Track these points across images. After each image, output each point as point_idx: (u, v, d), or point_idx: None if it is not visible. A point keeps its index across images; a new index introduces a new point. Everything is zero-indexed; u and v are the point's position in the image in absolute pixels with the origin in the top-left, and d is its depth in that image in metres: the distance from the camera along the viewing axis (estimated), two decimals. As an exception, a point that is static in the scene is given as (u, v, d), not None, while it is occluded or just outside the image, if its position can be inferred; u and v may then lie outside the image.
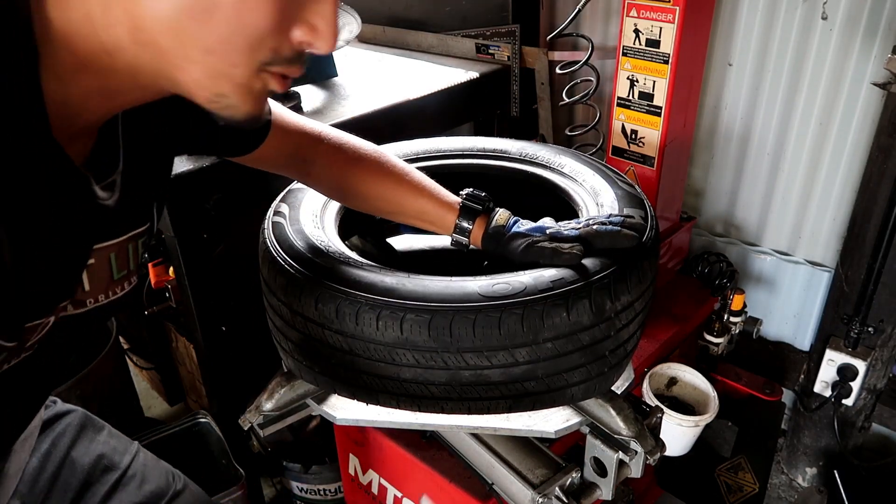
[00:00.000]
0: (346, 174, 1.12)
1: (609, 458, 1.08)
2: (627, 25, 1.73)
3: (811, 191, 2.14)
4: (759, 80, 2.10)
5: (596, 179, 1.25)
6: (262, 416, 1.28)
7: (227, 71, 0.62)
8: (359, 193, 1.14)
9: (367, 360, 0.96)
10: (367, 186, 1.13)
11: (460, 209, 1.11)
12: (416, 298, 0.93)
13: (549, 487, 1.08)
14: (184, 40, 0.59)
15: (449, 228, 1.12)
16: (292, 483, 2.12)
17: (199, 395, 2.47)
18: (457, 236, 1.11)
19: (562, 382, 0.97)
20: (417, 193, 1.13)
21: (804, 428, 2.30)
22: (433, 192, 1.13)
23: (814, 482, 2.33)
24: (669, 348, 1.86)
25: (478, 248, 1.11)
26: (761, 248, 2.33)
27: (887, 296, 1.92)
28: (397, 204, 1.14)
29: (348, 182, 1.13)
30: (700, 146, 2.29)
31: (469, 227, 1.10)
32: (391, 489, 1.44)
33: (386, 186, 1.13)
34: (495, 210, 1.11)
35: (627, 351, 1.07)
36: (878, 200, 1.86)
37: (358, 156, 1.12)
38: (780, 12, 1.98)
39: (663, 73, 1.72)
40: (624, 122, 1.85)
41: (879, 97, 1.88)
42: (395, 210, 1.15)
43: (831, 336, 2.07)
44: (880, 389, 2.12)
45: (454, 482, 1.25)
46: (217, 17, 0.58)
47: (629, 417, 1.07)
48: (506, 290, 0.93)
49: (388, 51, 2.56)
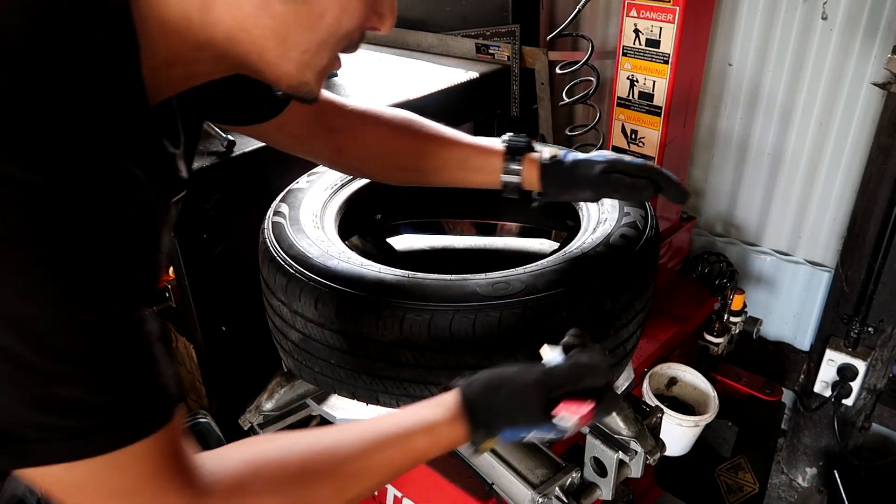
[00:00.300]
0: (382, 137, 1.07)
1: (609, 458, 1.08)
2: (627, 25, 1.73)
3: (811, 191, 2.14)
4: (759, 80, 2.10)
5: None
6: (263, 416, 1.28)
7: (315, 63, 0.68)
8: (398, 153, 1.08)
9: (367, 359, 0.96)
10: (406, 145, 1.08)
11: (506, 150, 1.06)
12: (416, 298, 0.93)
13: (549, 487, 1.08)
14: (286, 42, 0.64)
15: (496, 172, 1.06)
16: (292, 483, 2.12)
17: (199, 395, 2.47)
18: (506, 178, 1.05)
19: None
20: (456, 143, 1.08)
21: (804, 428, 2.30)
22: (472, 140, 1.09)
23: (814, 482, 2.33)
24: (669, 348, 1.86)
25: (531, 189, 1.06)
26: (761, 248, 2.33)
27: (887, 296, 1.92)
28: (440, 157, 1.08)
29: (386, 145, 1.08)
30: (700, 146, 2.29)
31: (519, 166, 1.04)
32: (391, 489, 1.44)
33: (426, 140, 1.08)
34: (539, 148, 1.07)
35: (627, 350, 1.07)
36: (878, 200, 1.86)
37: (388, 116, 1.08)
38: (780, 12, 1.98)
39: (663, 73, 1.72)
40: (624, 122, 1.85)
41: (879, 97, 1.88)
42: (436, 165, 1.09)
43: (831, 336, 2.07)
44: (880, 389, 2.12)
45: (454, 482, 1.25)
46: (320, 24, 0.64)
47: (629, 417, 1.07)
48: (505, 290, 0.93)
49: (388, 51, 2.56)
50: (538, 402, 0.77)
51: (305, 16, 0.63)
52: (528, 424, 0.78)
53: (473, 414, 0.76)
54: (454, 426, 0.76)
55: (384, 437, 0.73)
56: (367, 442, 0.72)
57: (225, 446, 0.68)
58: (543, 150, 1.06)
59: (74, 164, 0.50)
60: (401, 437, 0.74)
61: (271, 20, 0.62)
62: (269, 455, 0.67)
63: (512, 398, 0.77)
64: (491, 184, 1.08)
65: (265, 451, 0.68)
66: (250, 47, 0.64)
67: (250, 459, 0.66)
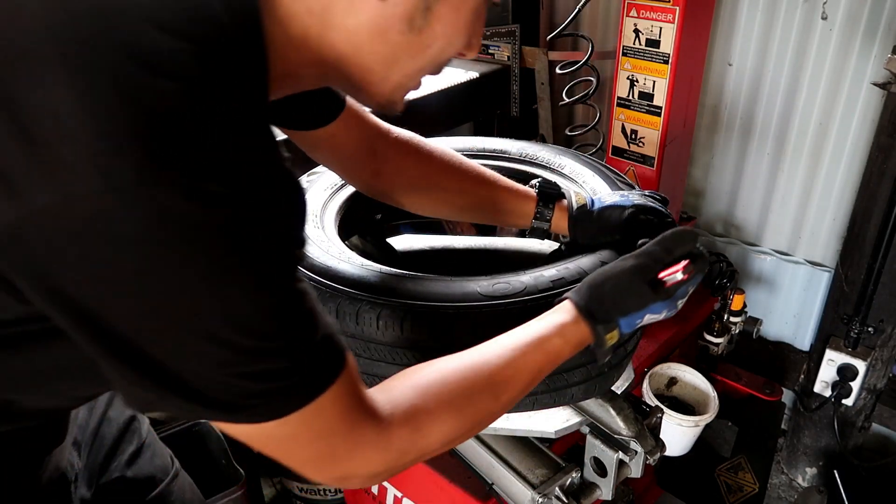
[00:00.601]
0: (422, 170, 1.10)
1: (609, 458, 1.08)
2: (627, 25, 1.73)
3: (811, 191, 2.14)
4: (759, 80, 2.10)
5: (596, 181, 1.25)
6: (262, 416, 1.28)
7: (409, 86, 0.75)
8: (435, 188, 1.12)
9: (368, 359, 0.96)
10: (444, 181, 1.11)
11: (538, 196, 1.11)
12: (417, 298, 0.93)
13: (549, 487, 1.08)
14: (391, 68, 0.70)
15: (527, 217, 1.12)
16: (292, 483, 2.12)
17: (199, 395, 2.46)
18: (537, 223, 1.11)
19: (562, 382, 0.97)
20: (493, 184, 1.12)
21: (804, 428, 2.30)
22: (506, 183, 1.13)
23: (814, 482, 2.33)
24: (669, 348, 1.86)
25: (559, 232, 1.12)
26: (761, 248, 2.33)
27: (887, 296, 1.92)
28: (476, 196, 1.12)
29: (425, 178, 1.11)
30: (700, 146, 2.30)
31: (549, 214, 1.11)
32: (391, 489, 1.44)
33: (464, 178, 1.11)
34: (568, 193, 1.11)
35: (628, 351, 1.07)
36: (878, 200, 1.86)
37: (430, 149, 1.11)
38: (780, 12, 1.98)
39: (663, 73, 1.72)
40: (624, 122, 1.86)
41: (879, 97, 1.88)
42: (472, 203, 1.13)
43: (831, 336, 2.07)
44: (880, 389, 2.12)
45: (454, 482, 1.25)
46: (426, 53, 0.70)
47: (629, 417, 1.07)
48: (506, 290, 0.93)
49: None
50: (642, 283, 0.85)
51: (416, 45, 0.68)
52: (640, 307, 0.85)
53: (589, 312, 0.84)
54: (578, 325, 0.83)
55: (523, 344, 0.80)
56: (509, 350, 0.79)
57: (385, 381, 0.75)
58: (571, 195, 1.10)
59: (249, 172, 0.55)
60: (537, 342, 0.81)
61: (384, 47, 0.67)
62: (431, 378, 0.74)
63: (617, 287, 0.85)
64: (521, 226, 1.15)
65: (426, 376, 0.75)
66: (357, 69, 0.69)
67: (415, 385, 0.73)
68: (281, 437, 0.64)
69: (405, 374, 0.76)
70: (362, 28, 0.65)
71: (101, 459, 1.07)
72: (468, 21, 0.71)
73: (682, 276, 0.85)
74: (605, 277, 0.86)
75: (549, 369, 0.83)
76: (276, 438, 0.64)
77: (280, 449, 0.66)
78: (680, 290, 0.87)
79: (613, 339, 0.86)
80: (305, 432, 0.64)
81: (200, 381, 0.58)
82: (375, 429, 0.68)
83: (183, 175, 0.50)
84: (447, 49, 0.71)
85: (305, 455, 0.67)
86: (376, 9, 0.64)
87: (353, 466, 0.68)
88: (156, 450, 1.18)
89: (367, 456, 0.68)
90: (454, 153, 1.13)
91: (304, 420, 0.63)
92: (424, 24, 0.67)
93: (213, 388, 0.58)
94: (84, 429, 1.06)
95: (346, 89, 0.75)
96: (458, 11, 0.69)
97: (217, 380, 0.58)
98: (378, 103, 0.75)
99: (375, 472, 0.70)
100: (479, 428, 0.78)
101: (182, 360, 0.57)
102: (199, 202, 0.51)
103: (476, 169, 1.13)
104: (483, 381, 0.76)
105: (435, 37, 0.69)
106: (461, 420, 0.74)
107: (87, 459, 1.04)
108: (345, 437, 0.66)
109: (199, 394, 0.58)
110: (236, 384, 0.58)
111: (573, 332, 0.83)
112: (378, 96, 0.74)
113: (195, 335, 0.55)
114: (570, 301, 0.85)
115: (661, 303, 0.86)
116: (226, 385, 0.58)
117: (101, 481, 1.06)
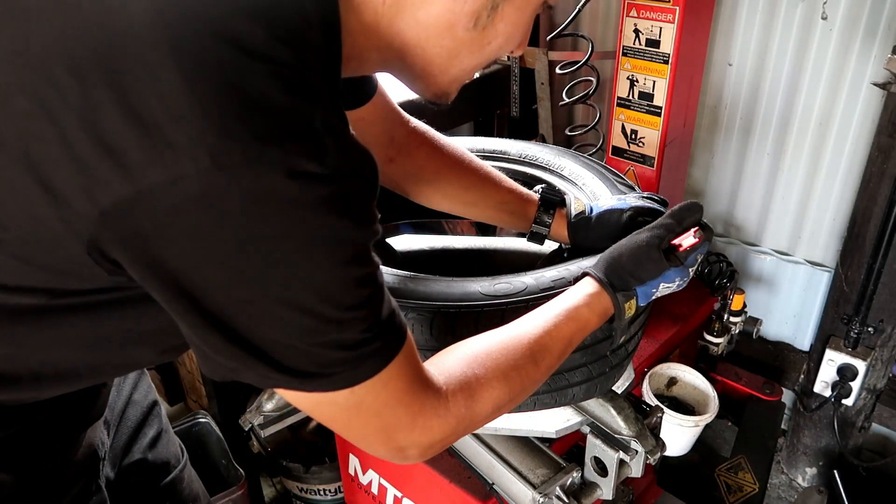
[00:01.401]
0: (434, 162, 1.13)
1: (609, 458, 1.08)
2: (627, 25, 1.73)
3: (811, 191, 2.14)
4: (759, 80, 2.10)
5: (596, 183, 1.25)
6: (263, 417, 1.28)
7: (463, 79, 0.78)
8: (443, 181, 1.14)
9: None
10: (453, 175, 1.14)
11: (540, 201, 1.14)
12: (418, 298, 0.93)
13: (549, 487, 1.08)
14: (452, 62, 0.73)
15: (528, 220, 1.14)
16: (292, 483, 2.12)
17: (199, 395, 2.46)
18: (536, 228, 1.14)
19: (563, 382, 0.97)
20: (498, 184, 1.15)
21: (804, 428, 2.30)
22: (512, 184, 1.15)
23: (814, 482, 2.33)
24: (669, 348, 1.86)
25: (557, 239, 1.15)
26: (761, 248, 2.33)
27: (887, 296, 1.92)
28: (480, 193, 1.15)
29: (435, 171, 1.13)
30: (700, 146, 2.29)
31: (549, 220, 1.13)
32: (391, 489, 1.44)
33: (471, 175, 1.14)
34: (569, 200, 1.13)
35: (629, 351, 1.07)
36: (878, 200, 1.86)
37: (442, 143, 1.14)
38: (779, 12, 1.98)
39: (663, 73, 1.72)
40: (624, 122, 1.86)
41: (879, 97, 1.88)
42: (476, 200, 1.16)
43: (831, 336, 2.07)
44: (880, 389, 2.12)
45: (454, 482, 1.25)
46: (485, 50, 0.73)
47: (630, 417, 1.07)
48: (507, 290, 0.93)
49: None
50: (656, 252, 0.90)
51: (478, 42, 0.71)
52: (655, 274, 0.90)
53: (609, 282, 0.89)
54: (601, 296, 0.89)
55: (555, 315, 0.85)
56: (544, 321, 0.84)
57: (436, 355, 0.79)
58: (571, 202, 1.12)
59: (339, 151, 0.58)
60: (568, 313, 0.86)
61: (450, 41, 0.70)
62: (477, 350, 0.79)
63: (633, 257, 0.90)
64: (520, 228, 1.17)
65: (472, 349, 0.79)
66: (420, 60, 0.72)
67: (463, 357, 0.78)
68: (348, 406, 0.67)
69: (451, 350, 0.80)
70: (431, 21, 0.68)
71: (124, 440, 1.11)
72: (527, 21, 0.75)
73: (695, 240, 0.92)
74: (622, 249, 0.91)
75: (580, 338, 0.87)
76: (343, 408, 0.67)
77: (344, 419, 0.69)
78: (690, 257, 0.92)
79: (632, 309, 0.91)
80: (373, 401, 0.67)
81: (282, 348, 0.61)
82: (435, 397, 0.71)
83: (285, 155, 0.54)
84: (504, 47, 0.74)
85: (371, 426, 0.70)
86: (447, 4, 0.67)
87: (415, 436, 0.71)
88: (171, 437, 1.21)
89: (430, 424, 0.71)
90: (466, 151, 1.15)
91: (373, 389, 0.66)
92: (488, 23, 0.70)
93: (293, 357, 0.62)
94: (112, 408, 1.08)
95: (405, 78, 0.77)
96: (521, 11, 0.72)
97: (298, 348, 0.61)
98: (435, 94, 0.79)
99: (434, 441, 0.73)
100: (525, 394, 0.82)
101: (268, 329, 0.60)
102: (299, 181, 0.54)
103: (484, 168, 1.14)
104: (524, 349, 0.80)
105: (496, 35, 0.72)
106: (509, 386, 0.78)
107: (112, 439, 1.07)
108: (409, 406, 0.69)
109: (279, 363, 0.61)
110: (316, 352, 0.62)
111: (597, 302, 0.88)
112: (435, 87, 0.77)
113: (285, 304, 0.59)
114: (589, 275, 0.90)
115: (674, 269, 0.91)
116: (306, 353, 0.62)
117: (123, 462, 1.09)
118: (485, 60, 0.76)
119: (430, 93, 0.79)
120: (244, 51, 0.54)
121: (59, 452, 0.86)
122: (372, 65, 0.75)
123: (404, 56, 0.72)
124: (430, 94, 0.79)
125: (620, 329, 0.92)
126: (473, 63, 0.75)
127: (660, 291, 0.92)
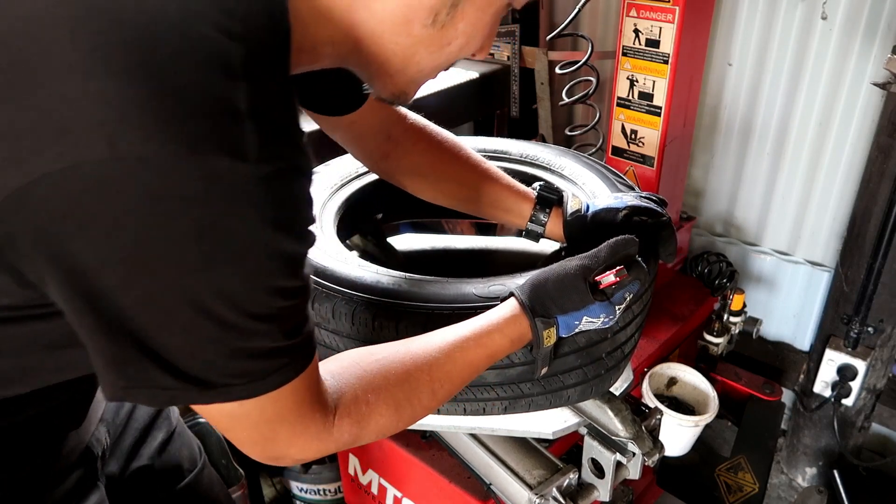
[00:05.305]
0: (430, 157, 1.12)
1: (606, 460, 1.08)
2: (627, 25, 1.73)
3: (811, 191, 2.14)
4: (759, 80, 2.10)
5: (596, 183, 1.25)
6: (261, 417, 1.28)
7: (422, 80, 0.76)
8: (440, 176, 1.14)
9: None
10: (449, 170, 1.13)
11: (537, 199, 1.12)
12: (413, 299, 0.94)
13: (546, 488, 1.08)
14: (409, 60, 0.71)
15: (524, 217, 1.13)
16: (292, 483, 2.12)
17: (200, 395, 2.47)
18: (531, 225, 1.13)
19: (558, 384, 0.97)
20: (495, 180, 1.14)
21: (804, 428, 2.30)
22: (510, 181, 1.14)
23: (814, 482, 2.33)
24: (669, 348, 1.86)
25: (553, 238, 1.13)
26: (761, 248, 2.33)
27: (887, 296, 1.92)
28: (476, 189, 1.14)
29: (431, 165, 1.13)
30: (700, 146, 2.29)
31: (545, 218, 1.12)
32: (391, 489, 1.44)
33: (467, 171, 1.13)
34: (566, 198, 1.12)
35: (625, 353, 1.07)
36: (878, 200, 1.86)
37: (440, 139, 1.13)
38: (779, 12, 1.98)
39: (663, 73, 1.72)
40: (624, 122, 1.85)
41: (879, 97, 1.87)
42: (472, 196, 1.15)
43: (831, 336, 2.07)
44: (880, 389, 2.12)
45: (453, 482, 1.25)
46: (444, 51, 0.71)
47: (627, 419, 1.07)
48: (502, 292, 0.93)
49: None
50: (582, 283, 0.84)
51: (437, 41, 0.69)
52: (578, 305, 0.85)
53: (530, 306, 0.84)
54: (518, 321, 0.84)
55: (464, 339, 0.81)
56: (451, 345, 0.80)
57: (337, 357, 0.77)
58: (568, 200, 1.11)
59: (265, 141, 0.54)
60: (478, 338, 0.82)
61: (406, 39, 0.68)
62: (374, 370, 0.76)
63: (558, 284, 0.85)
64: (516, 225, 1.15)
65: (373, 369, 0.76)
66: (376, 57, 0.70)
67: (363, 375, 0.75)
68: (233, 415, 0.65)
69: (356, 361, 0.76)
70: (387, 14, 0.66)
71: (131, 442, 1.09)
72: (489, 22, 0.72)
73: (613, 279, 0.85)
74: (549, 274, 0.87)
75: (486, 365, 0.84)
76: (228, 415, 0.65)
77: (226, 424, 0.67)
78: (616, 295, 0.86)
79: (551, 338, 0.86)
80: (258, 416, 0.65)
81: (183, 355, 0.58)
82: (322, 421, 0.69)
83: (193, 143, 0.50)
84: (465, 48, 0.72)
85: (251, 436, 0.68)
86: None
87: (292, 451, 0.71)
88: (184, 439, 1.19)
89: (307, 445, 0.70)
90: (464, 146, 1.14)
91: (262, 404, 0.64)
92: (448, 21, 0.68)
93: (194, 364, 0.58)
94: (118, 408, 1.07)
95: (362, 75, 0.75)
96: (482, 12, 0.70)
97: (200, 355, 0.58)
98: (392, 93, 0.76)
99: (309, 458, 0.73)
100: (413, 421, 0.79)
101: (170, 333, 0.57)
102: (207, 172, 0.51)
103: (482, 164, 1.14)
104: (425, 378, 0.77)
105: (456, 34, 0.69)
106: (399, 415, 0.76)
107: (116, 438, 1.06)
108: (292, 426, 0.68)
109: (177, 369, 0.58)
110: (219, 362, 0.59)
111: (513, 329, 0.84)
112: (392, 86, 0.75)
113: (188, 306, 0.55)
114: (512, 295, 0.87)
115: (599, 304, 0.85)
116: (210, 361, 0.59)
117: (131, 465, 1.08)
118: (445, 62, 0.73)
119: (388, 92, 0.76)
120: (151, 29, 0.50)
121: (45, 450, 0.85)
122: (328, 59, 0.71)
123: (360, 50, 0.69)
124: (388, 93, 0.76)
125: (541, 359, 0.88)
126: (432, 64, 0.72)
127: (583, 325, 0.86)
